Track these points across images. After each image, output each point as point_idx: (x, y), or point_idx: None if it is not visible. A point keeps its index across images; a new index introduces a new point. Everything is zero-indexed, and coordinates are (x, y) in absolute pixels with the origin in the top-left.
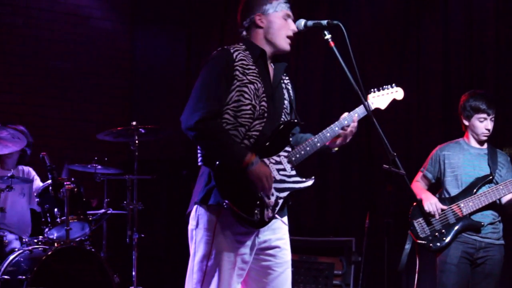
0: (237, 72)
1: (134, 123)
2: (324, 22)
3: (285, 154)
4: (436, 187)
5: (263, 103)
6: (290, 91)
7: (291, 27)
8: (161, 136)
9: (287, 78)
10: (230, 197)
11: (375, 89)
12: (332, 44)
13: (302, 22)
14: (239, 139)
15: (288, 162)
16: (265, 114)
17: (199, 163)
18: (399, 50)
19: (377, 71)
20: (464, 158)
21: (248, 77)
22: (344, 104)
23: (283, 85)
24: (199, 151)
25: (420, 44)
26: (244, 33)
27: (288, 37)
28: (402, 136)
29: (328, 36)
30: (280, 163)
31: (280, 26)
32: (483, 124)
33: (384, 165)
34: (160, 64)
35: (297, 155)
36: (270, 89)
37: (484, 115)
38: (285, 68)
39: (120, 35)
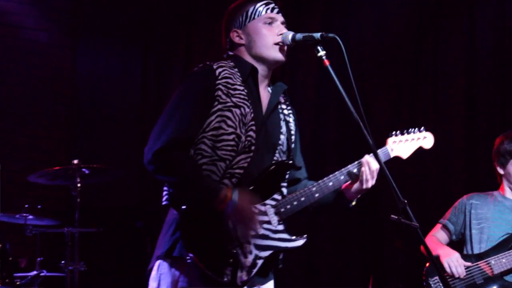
0: (220, 92)
1: (75, 161)
2: (317, 35)
3: (273, 203)
4: (457, 245)
5: (251, 132)
6: (291, 124)
7: (277, 30)
8: (110, 178)
9: (289, 106)
10: (196, 249)
11: (397, 132)
12: (327, 62)
13: (289, 35)
14: (217, 176)
15: (276, 213)
16: (252, 148)
17: (164, 203)
18: (411, 70)
19: (384, 97)
20: (495, 209)
21: (234, 99)
22: (340, 135)
23: (281, 115)
24: (165, 187)
25: (438, 63)
26: (228, 54)
27: (277, 44)
28: (414, 180)
29: (322, 53)
30: (264, 213)
31: (262, 35)
32: None
33: (392, 215)
34: (110, 87)
35: (288, 206)
36: (260, 117)
37: None
38: (284, 91)
39: (59, 51)
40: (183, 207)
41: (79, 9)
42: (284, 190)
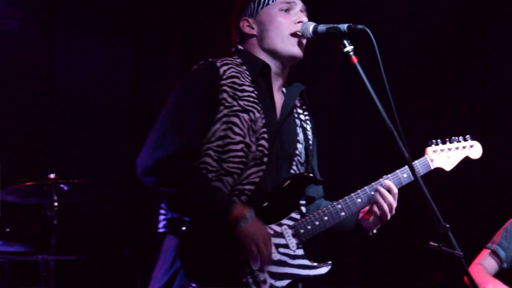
0: (225, 95)
1: (52, 176)
2: (344, 26)
3: (291, 223)
4: (508, 274)
5: (262, 141)
6: (308, 132)
7: (296, 18)
8: (93, 196)
9: (306, 111)
10: (199, 278)
11: (438, 141)
12: (355, 59)
13: (310, 26)
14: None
15: (294, 235)
16: (264, 159)
17: (160, 230)
18: (455, 68)
19: (422, 101)
20: None
21: (241, 102)
22: (368, 147)
23: (298, 120)
24: (162, 211)
25: (487, 60)
26: (239, 47)
27: (293, 34)
28: (456, 198)
29: (349, 48)
30: (281, 235)
31: (277, 23)
32: None
33: (431, 243)
34: (93, 88)
35: (308, 227)
36: (274, 123)
37: None
38: (301, 92)
39: (32, 42)
40: (183, 228)
41: None
42: (303, 209)
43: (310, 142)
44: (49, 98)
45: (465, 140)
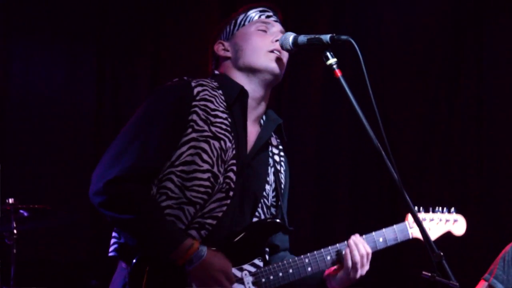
0: (195, 117)
1: (10, 200)
2: (327, 37)
3: (253, 270)
4: None
5: (230, 173)
6: (281, 174)
7: (274, 37)
8: (55, 223)
9: (282, 152)
10: None
11: (421, 209)
12: (338, 73)
13: (290, 37)
14: (183, 224)
15: (254, 283)
16: (230, 193)
17: (110, 254)
18: (447, 80)
19: (412, 117)
20: None
21: (213, 128)
22: (354, 169)
23: (271, 159)
24: (115, 233)
25: (482, 71)
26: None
27: (271, 51)
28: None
29: (332, 61)
30: (241, 281)
31: (253, 41)
32: None
33: (424, 272)
34: (54, 103)
35: (271, 277)
36: (244, 156)
37: None
38: (277, 127)
39: None
40: (134, 260)
41: (15, 2)
42: (267, 257)
43: (282, 185)
44: (5, 115)
45: (449, 212)
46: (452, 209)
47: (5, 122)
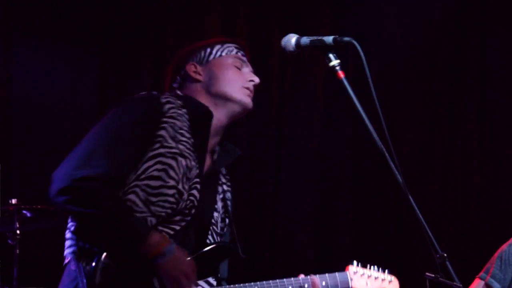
0: (164, 133)
1: (13, 201)
2: (329, 39)
3: (206, 286)
4: None
5: (194, 191)
6: (228, 202)
7: (249, 76)
8: (58, 223)
9: (229, 182)
10: None
11: (359, 264)
12: (341, 74)
13: (292, 39)
14: None
15: None
16: (192, 211)
17: (68, 258)
18: (450, 83)
19: (415, 119)
20: None
21: (180, 146)
22: (356, 169)
23: (220, 187)
24: (69, 235)
25: (485, 75)
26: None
27: (246, 88)
28: (455, 226)
29: (335, 62)
30: None
31: (230, 75)
32: None
33: (428, 273)
34: (57, 105)
35: None
36: (204, 176)
37: None
38: (236, 157)
39: None
40: (95, 259)
41: (17, 4)
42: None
43: (230, 213)
44: (8, 116)
45: (384, 271)
46: (386, 271)
47: (8, 123)
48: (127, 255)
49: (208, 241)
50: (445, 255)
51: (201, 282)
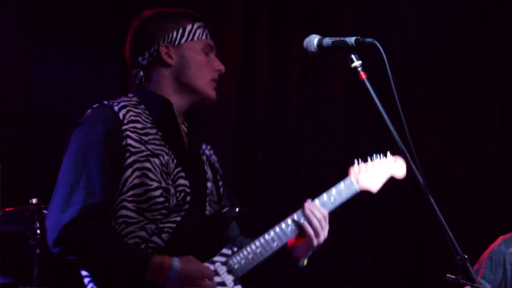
0: (130, 140)
1: (34, 200)
2: (351, 40)
3: (223, 259)
4: None
5: (181, 180)
6: (216, 165)
7: (216, 65)
8: None
9: (209, 145)
10: None
11: (360, 160)
12: (363, 76)
13: (314, 40)
14: (144, 240)
15: (229, 272)
16: (187, 198)
17: None
18: (471, 83)
19: (436, 117)
20: None
21: (149, 146)
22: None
23: (204, 157)
24: (84, 272)
25: (506, 73)
26: (140, 74)
27: (213, 80)
28: (476, 227)
29: (356, 63)
30: (215, 273)
31: (200, 64)
32: None
33: (449, 275)
34: (77, 105)
35: (242, 262)
36: (186, 160)
37: None
38: (208, 132)
39: (10, 57)
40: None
41: (37, 4)
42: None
43: (219, 177)
44: (29, 116)
45: (385, 156)
46: (388, 152)
47: (28, 123)
48: (137, 283)
49: (207, 212)
50: (466, 256)
51: (216, 258)
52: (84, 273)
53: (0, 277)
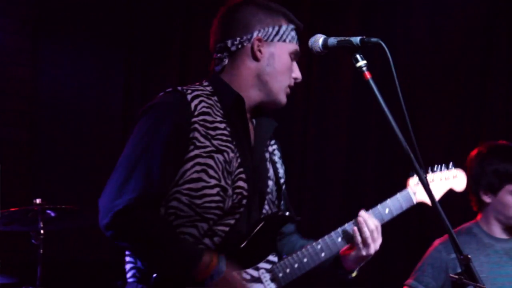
0: (196, 134)
1: (37, 201)
2: (357, 39)
3: (268, 266)
4: None
5: (240, 182)
6: (277, 164)
7: (296, 73)
8: (82, 223)
9: (272, 140)
10: None
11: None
12: (368, 75)
13: (320, 39)
14: (195, 238)
15: (272, 280)
16: (243, 202)
17: (130, 280)
18: (476, 82)
19: (441, 117)
20: (488, 261)
21: (215, 142)
22: (380, 170)
23: (267, 153)
24: (129, 258)
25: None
26: (224, 62)
27: (289, 86)
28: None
29: (362, 63)
30: (259, 280)
31: (285, 66)
32: None
33: (451, 275)
34: (82, 104)
35: (287, 270)
36: (249, 162)
37: None
38: (274, 129)
39: (16, 56)
40: (154, 275)
41: (43, 4)
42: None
43: (280, 175)
44: (34, 116)
45: (448, 168)
46: (450, 164)
47: (33, 123)
48: (179, 278)
49: (264, 211)
50: (469, 256)
51: (261, 264)
52: (128, 258)
53: (3, 277)
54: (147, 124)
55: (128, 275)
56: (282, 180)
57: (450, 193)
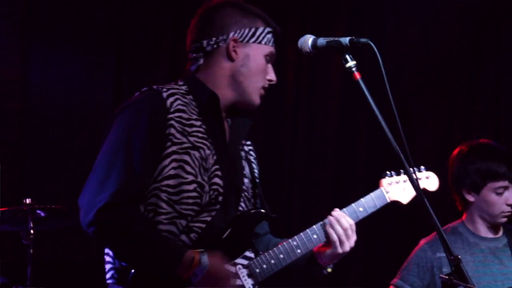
0: (173, 130)
1: (27, 201)
2: (346, 40)
3: (245, 262)
4: None
5: (216, 179)
6: (253, 163)
7: (271, 75)
8: (72, 223)
9: (249, 143)
10: None
11: (393, 172)
12: (358, 76)
13: (309, 40)
14: (174, 236)
15: (249, 275)
16: (219, 198)
17: (109, 281)
18: (466, 82)
19: (431, 117)
20: (473, 260)
21: (191, 138)
22: (370, 169)
23: (242, 152)
24: (108, 258)
25: (501, 73)
26: (200, 62)
27: (263, 88)
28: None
29: (351, 63)
30: (236, 276)
31: (260, 68)
32: (503, 198)
33: (441, 275)
34: (71, 105)
35: (264, 266)
36: (225, 158)
37: (505, 183)
38: (249, 128)
39: (5, 56)
40: (131, 272)
41: (32, 4)
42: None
43: (256, 174)
44: (23, 116)
45: (419, 171)
46: (422, 167)
47: (22, 123)
48: (162, 276)
49: (240, 208)
50: (459, 256)
51: (238, 260)
52: (107, 258)
53: None
54: (124, 121)
55: (107, 276)
56: (257, 180)
57: (439, 193)
